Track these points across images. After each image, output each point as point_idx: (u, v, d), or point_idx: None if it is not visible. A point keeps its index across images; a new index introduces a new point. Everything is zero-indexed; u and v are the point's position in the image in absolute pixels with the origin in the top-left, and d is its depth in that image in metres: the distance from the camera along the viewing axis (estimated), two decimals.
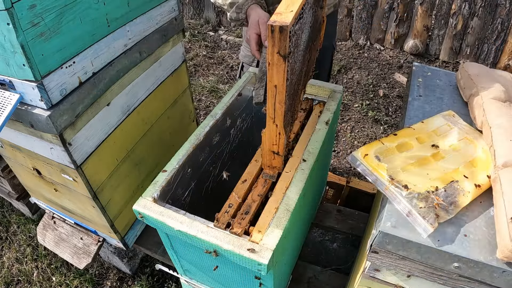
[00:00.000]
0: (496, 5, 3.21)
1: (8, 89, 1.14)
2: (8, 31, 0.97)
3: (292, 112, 1.15)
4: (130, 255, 2.01)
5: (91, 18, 1.19)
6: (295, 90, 1.09)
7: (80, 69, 1.22)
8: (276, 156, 1.10)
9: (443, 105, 1.29)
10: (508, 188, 0.89)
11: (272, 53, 0.83)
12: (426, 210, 0.89)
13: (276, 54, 0.83)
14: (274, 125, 1.00)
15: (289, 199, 1.07)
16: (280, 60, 0.84)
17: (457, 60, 3.69)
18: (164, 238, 1.21)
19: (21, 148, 1.44)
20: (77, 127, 1.27)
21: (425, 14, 3.53)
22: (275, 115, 0.97)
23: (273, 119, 0.98)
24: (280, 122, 0.98)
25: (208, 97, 3.50)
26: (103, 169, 1.47)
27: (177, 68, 1.76)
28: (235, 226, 1.02)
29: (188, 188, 1.34)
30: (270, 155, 1.10)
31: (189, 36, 4.40)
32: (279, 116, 0.97)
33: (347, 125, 3.13)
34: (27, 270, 2.11)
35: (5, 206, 2.49)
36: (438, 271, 0.92)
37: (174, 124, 1.87)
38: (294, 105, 1.15)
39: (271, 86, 0.90)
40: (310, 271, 1.74)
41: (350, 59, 3.86)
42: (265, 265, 0.93)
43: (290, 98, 1.04)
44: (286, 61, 0.84)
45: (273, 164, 1.13)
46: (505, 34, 3.31)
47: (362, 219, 1.93)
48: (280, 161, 1.12)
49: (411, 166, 1.01)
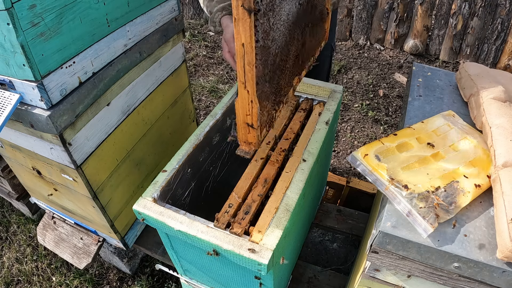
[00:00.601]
0: (496, 5, 3.21)
1: (8, 89, 1.14)
2: (8, 31, 0.97)
3: (276, 90, 1.07)
4: (130, 255, 2.01)
5: (91, 18, 1.19)
6: (279, 65, 1.03)
7: (80, 69, 1.22)
8: (251, 130, 1.01)
9: (443, 105, 1.29)
10: (508, 188, 0.89)
11: (236, 6, 0.78)
12: (426, 210, 0.89)
13: (240, 7, 0.77)
14: (245, 91, 0.92)
15: (289, 199, 1.07)
16: (245, 15, 0.78)
17: (457, 60, 3.69)
18: (164, 238, 1.21)
19: (21, 148, 1.44)
20: (77, 127, 1.27)
21: (425, 14, 3.53)
22: (245, 79, 0.89)
23: (243, 84, 0.91)
24: (252, 88, 0.91)
25: (208, 97, 3.50)
26: (103, 169, 1.47)
27: (177, 68, 1.76)
28: (235, 226, 1.02)
29: (188, 188, 1.34)
30: (244, 128, 1.02)
31: (189, 36, 4.40)
32: (250, 80, 0.89)
33: (347, 125, 3.13)
34: (27, 270, 2.11)
35: (5, 206, 2.49)
36: (438, 271, 0.92)
37: (174, 124, 1.87)
38: (279, 83, 1.07)
39: (239, 45, 0.84)
40: (310, 271, 1.74)
41: (350, 59, 3.86)
42: (265, 265, 0.93)
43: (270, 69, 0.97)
44: (251, 16, 0.79)
45: (248, 139, 1.04)
46: (505, 34, 3.31)
47: (362, 219, 1.93)
48: (255, 136, 1.02)
49: (411, 166, 1.01)
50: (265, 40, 0.90)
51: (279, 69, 1.05)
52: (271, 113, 1.08)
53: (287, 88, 1.14)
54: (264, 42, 0.90)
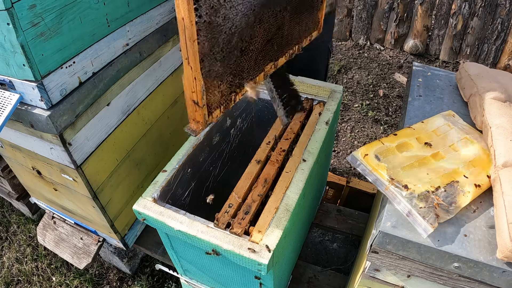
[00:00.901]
0: (496, 5, 3.21)
1: (8, 89, 1.14)
2: (8, 31, 0.97)
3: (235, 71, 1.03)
4: (130, 255, 2.01)
5: (91, 18, 1.19)
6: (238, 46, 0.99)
7: (80, 69, 1.22)
8: (197, 108, 0.97)
9: (443, 105, 1.29)
10: (508, 188, 0.89)
11: None
12: (426, 210, 0.89)
13: None
14: (189, 67, 0.89)
15: (289, 199, 1.07)
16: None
17: (457, 60, 3.69)
18: (164, 238, 1.21)
19: (21, 148, 1.44)
20: (77, 127, 1.27)
21: (425, 14, 3.53)
22: (188, 54, 0.87)
23: (187, 59, 0.88)
24: (195, 64, 0.88)
25: None
26: (103, 169, 1.47)
27: (177, 68, 1.76)
28: (235, 226, 1.02)
29: (188, 188, 1.34)
30: (192, 105, 0.98)
31: None
32: (192, 56, 0.86)
33: (347, 125, 3.13)
34: (27, 270, 2.11)
35: (5, 206, 2.49)
36: (438, 271, 0.92)
37: (174, 124, 1.87)
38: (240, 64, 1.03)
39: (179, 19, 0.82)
40: (310, 271, 1.74)
41: (350, 59, 3.86)
42: (265, 265, 0.93)
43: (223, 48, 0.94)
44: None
45: (196, 118, 1.00)
46: (505, 34, 3.31)
47: (362, 219, 1.93)
48: (201, 115, 0.99)
49: (411, 166, 1.01)
50: (211, 16, 0.86)
51: (237, 49, 1.00)
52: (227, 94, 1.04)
53: (253, 72, 1.09)
54: (211, 19, 0.86)
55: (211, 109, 1.00)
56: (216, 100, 0.99)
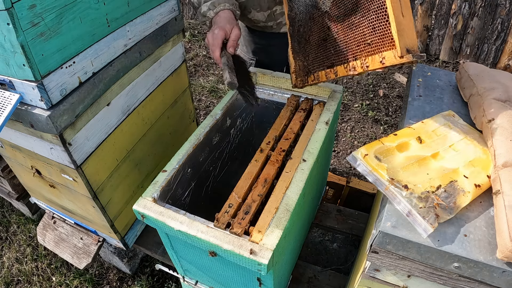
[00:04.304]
0: (496, 5, 3.21)
1: (8, 89, 1.14)
2: (8, 31, 0.97)
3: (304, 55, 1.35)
4: (130, 255, 2.01)
5: (91, 18, 1.19)
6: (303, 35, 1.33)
7: (80, 69, 1.22)
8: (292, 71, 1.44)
9: (443, 105, 1.29)
10: (508, 188, 0.89)
11: None
12: (426, 210, 0.89)
13: None
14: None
15: (289, 199, 1.07)
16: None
17: (457, 60, 3.69)
18: (164, 238, 1.21)
19: (21, 148, 1.45)
20: (77, 127, 1.27)
21: (425, 14, 3.53)
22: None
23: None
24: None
25: (208, 97, 3.50)
26: (103, 169, 1.47)
27: (177, 68, 1.76)
28: (235, 226, 1.02)
29: (188, 188, 1.34)
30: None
31: (189, 36, 4.40)
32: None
33: (347, 125, 3.13)
34: (27, 270, 2.11)
35: (5, 206, 2.49)
36: (438, 271, 0.92)
37: (174, 124, 1.87)
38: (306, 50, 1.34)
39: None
40: (310, 271, 1.74)
41: None
42: (265, 265, 0.93)
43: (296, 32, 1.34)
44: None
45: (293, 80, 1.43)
46: (505, 34, 3.31)
47: (362, 219, 1.93)
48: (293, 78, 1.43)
49: (411, 166, 1.01)
50: (292, 9, 1.33)
51: (303, 38, 1.33)
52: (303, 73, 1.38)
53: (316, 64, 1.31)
54: (292, 11, 1.34)
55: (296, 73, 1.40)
56: (298, 70, 1.39)
